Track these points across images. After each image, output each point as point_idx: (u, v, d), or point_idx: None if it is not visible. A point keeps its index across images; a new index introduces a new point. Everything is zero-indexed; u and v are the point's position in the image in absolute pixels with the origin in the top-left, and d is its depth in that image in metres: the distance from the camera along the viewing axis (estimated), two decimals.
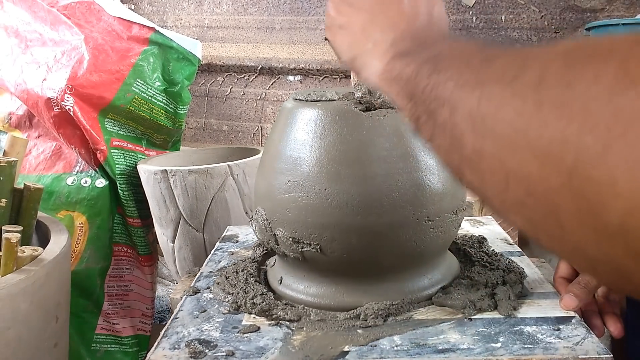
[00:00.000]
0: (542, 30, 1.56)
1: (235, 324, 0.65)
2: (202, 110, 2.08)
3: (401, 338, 0.59)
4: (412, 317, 0.64)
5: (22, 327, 0.76)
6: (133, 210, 1.29)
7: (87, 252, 1.26)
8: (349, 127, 0.64)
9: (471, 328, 0.60)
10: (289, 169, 0.66)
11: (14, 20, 1.33)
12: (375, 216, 0.62)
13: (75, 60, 1.23)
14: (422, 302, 0.67)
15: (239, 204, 1.16)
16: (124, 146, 1.30)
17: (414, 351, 0.57)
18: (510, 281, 0.69)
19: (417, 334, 0.60)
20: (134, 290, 1.35)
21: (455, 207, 0.67)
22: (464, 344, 0.57)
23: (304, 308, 0.66)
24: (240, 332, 0.63)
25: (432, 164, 0.65)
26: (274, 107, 1.96)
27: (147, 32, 1.33)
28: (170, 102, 1.36)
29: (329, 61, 1.79)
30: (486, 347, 0.56)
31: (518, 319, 0.62)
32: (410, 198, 0.63)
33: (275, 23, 1.92)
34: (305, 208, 0.64)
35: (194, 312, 0.68)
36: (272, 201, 0.67)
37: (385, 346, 0.58)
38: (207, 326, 0.65)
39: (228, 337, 0.62)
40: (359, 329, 0.62)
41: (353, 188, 0.62)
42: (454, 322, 0.62)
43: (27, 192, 0.94)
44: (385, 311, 0.63)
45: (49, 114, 1.22)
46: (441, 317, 0.63)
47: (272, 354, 0.58)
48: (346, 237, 0.63)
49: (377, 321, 0.62)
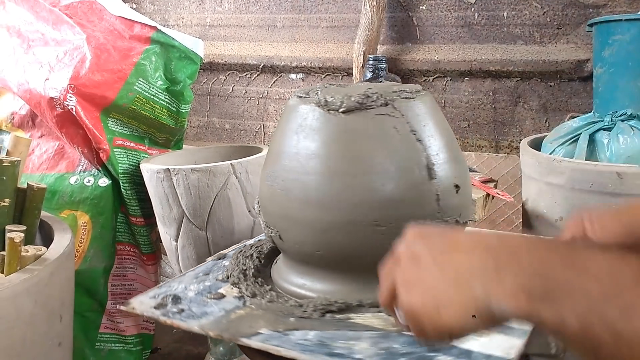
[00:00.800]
0: (544, 26, 1.55)
1: (213, 290, 0.73)
2: (204, 108, 2.08)
3: (316, 334, 0.61)
4: (350, 319, 0.65)
5: (27, 327, 0.77)
6: (136, 209, 1.29)
7: (90, 251, 1.26)
8: (326, 126, 0.67)
9: (387, 342, 0.59)
10: (272, 161, 0.72)
11: (16, 20, 1.33)
12: (334, 213, 0.65)
13: (77, 59, 1.23)
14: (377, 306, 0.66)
15: (241, 203, 1.16)
16: (127, 145, 1.30)
17: (311, 348, 0.58)
18: None
19: (332, 334, 0.61)
20: (138, 289, 1.35)
21: (420, 217, 0.65)
22: (361, 354, 0.57)
23: (273, 290, 0.72)
24: (208, 297, 0.71)
25: (391, 169, 0.65)
26: (276, 105, 1.96)
27: (149, 31, 1.33)
28: (173, 101, 1.36)
29: (331, 59, 1.79)
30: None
31: (443, 348, 0.57)
32: (360, 200, 0.65)
33: (277, 21, 1.92)
34: (271, 198, 0.71)
35: (200, 274, 0.78)
36: (260, 190, 0.76)
37: (294, 337, 0.61)
38: (193, 287, 0.74)
39: (197, 298, 0.71)
40: (294, 317, 0.65)
41: (313, 184, 0.66)
42: (380, 334, 0.61)
43: (31, 191, 0.94)
44: (326, 307, 0.66)
45: (52, 114, 1.22)
46: (375, 326, 0.63)
47: (206, 320, 0.65)
48: (301, 229, 0.68)
49: (314, 314, 0.65)
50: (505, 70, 1.58)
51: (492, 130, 1.66)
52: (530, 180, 1.16)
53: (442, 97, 1.69)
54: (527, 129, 1.62)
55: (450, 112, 1.68)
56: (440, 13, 1.66)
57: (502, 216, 1.62)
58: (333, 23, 1.83)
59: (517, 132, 1.63)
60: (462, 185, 0.70)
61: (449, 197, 0.67)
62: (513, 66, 1.56)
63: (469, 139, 1.68)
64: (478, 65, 1.60)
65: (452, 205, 0.68)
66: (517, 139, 1.63)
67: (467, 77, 1.66)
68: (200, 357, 1.45)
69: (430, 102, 0.71)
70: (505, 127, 1.64)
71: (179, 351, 1.51)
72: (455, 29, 1.65)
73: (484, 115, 1.66)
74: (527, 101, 1.61)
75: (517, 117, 1.63)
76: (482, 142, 1.67)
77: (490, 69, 1.59)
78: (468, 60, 1.61)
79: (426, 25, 1.69)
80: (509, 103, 1.63)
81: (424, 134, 0.67)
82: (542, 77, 1.57)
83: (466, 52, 1.63)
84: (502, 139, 1.65)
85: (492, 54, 1.59)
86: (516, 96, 1.62)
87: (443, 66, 1.65)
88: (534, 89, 1.59)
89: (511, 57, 1.57)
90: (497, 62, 1.58)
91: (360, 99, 0.66)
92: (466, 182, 0.72)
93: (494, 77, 1.63)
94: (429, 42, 1.69)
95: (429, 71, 1.68)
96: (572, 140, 1.16)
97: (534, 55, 1.54)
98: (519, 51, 1.57)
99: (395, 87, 0.71)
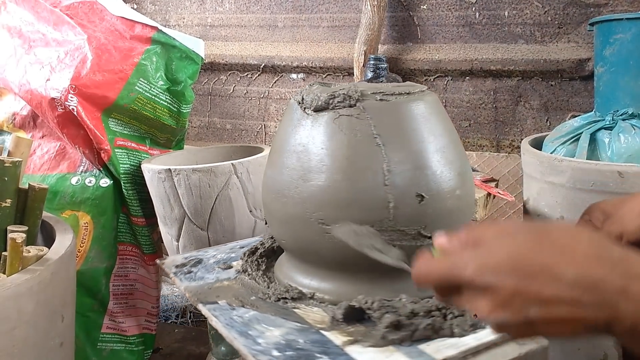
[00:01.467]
0: (545, 25, 1.55)
1: (229, 261, 0.83)
2: (205, 109, 2.08)
3: (252, 315, 0.67)
4: (295, 308, 0.70)
5: (28, 327, 0.77)
6: (137, 209, 1.30)
7: (92, 251, 1.26)
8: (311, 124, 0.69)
9: (296, 336, 0.61)
10: (270, 155, 0.76)
11: (17, 21, 1.34)
12: (290, 207, 0.68)
13: (78, 60, 1.23)
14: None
15: (243, 203, 1.16)
16: (128, 145, 1.30)
17: (234, 324, 0.64)
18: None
19: (264, 318, 0.66)
20: (139, 289, 1.36)
21: (370, 222, 0.64)
22: (263, 340, 0.60)
23: (264, 271, 0.77)
24: (219, 266, 0.81)
25: (345, 170, 0.65)
26: (277, 105, 1.96)
27: (150, 31, 1.33)
28: (174, 101, 1.36)
29: (332, 58, 1.79)
30: (276, 344, 0.59)
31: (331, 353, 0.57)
32: (309, 197, 0.66)
33: (277, 21, 1.92)
34: (262, 188, 0.76)
35: (237, 247, 0.88)
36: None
37: (235, 313, 0.67)
38: (219, 256, 0.86)
39: (211, 266, 0.82)
40: (255, 296, 0.71)
41: (280, 177, 0.70)
42: (300, 327, 0.63)
43: (32, 192, 0.94)
44: (282, 294, 0.70)
45: (53, 114, 1.22)
46: (307, 319, 0.65)
47: (195, 284, 0.76)
48: (272, 218, 0.73)
49: (272, 298, 0.70)
50: (506, 69, 1.58)
51: (493, 129, 1.66)
52: (531, 179, 1.16)
53: (443, 97, 1.69)
54: (528, 128, 1.62)
55: (452, 112, 1.68)
56: (441, 12, 1.66)
57: (503, 215, 1.62)
58: (334, 23, 1.83)
59: (518, 131, 1.63)
60: (431, 196, 0.65)
61: (406, 207, 0.64)
62: (514, 65, 1.56)
63: (470, 139, 1.68)
64: (479, 64, 1.60)
65: (410, 215, 0.64)
66: (518, 138, 1.63)
67: (468, 77, 1.66)
68: (202, 357, 1.46)
69: (426, 105, 0.68)
70: (506, 126, 1.64)
71: (181, 351, 1.51)
72: (456, 28, 1.65)
73: (485, 114, 1.66)
74: (528, 100, 1.61)
75: (518, 117, 1.63)
76: (483, 141, 1.67)
77: (491, 68, 1.59)
78: (469, 59, 1.61)
79: (427, 25, 1.69)
80: (510, 102, 1.63)
81: (391, 138, 0.65)
82: (543, 76, 1.57)
83: (467, 51, 1.63)
84: (503, 139, 1.65)
85: (493, 53, 1.59)
86: (517, 95, 1.62)
87: (444, 65, 1.65)
88: (535, 88, 1.59)
89: (512, 56, 1.56)
90: (498, 62, 1.58)
91: (326, 99, 0.67)
92: (437, 194, 0.66)
93: (495, 77, 1.63)
94: (430, 42, 1.69)
95: (430, 71, 1.68)
96: (573, 139, 1.16)
97: (535, 55, 1.54)
98: (520, 50, 1.57)
99: (384, 87, 0.70)
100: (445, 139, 0.69)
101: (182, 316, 1.70)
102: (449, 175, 0.67)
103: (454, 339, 0.57)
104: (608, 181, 0.99)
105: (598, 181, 1.00)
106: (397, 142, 0.65)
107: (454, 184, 0.67)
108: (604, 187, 0.99)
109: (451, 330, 0.58)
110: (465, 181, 0.70)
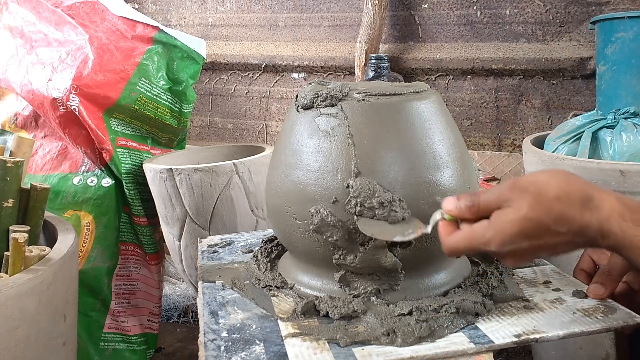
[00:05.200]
0: (546, 24, 1.55)
1: (254, 247, 0.87)
2: (206, 108, 2.09)
3: (236, 297, 0.69)
4: (274, 295, 0.71)
5: (31, 326, 0.77)
6: (139, 209, 1.30)
7: (94, 251, 1.26)
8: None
9: (258, 323, 0.63)
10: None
11: (19, 21, 1.34)
12: (272, 201, 0.71)
13: (80, 60, 1.23)
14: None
15: (244, 202, 1.16)
16: (130, 145, 1.31)
17: (213, 303, 0.67)
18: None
19: (242, 302, 0.68)
20: (141, 288, 1.36)
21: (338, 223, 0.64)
22: (226, 321, 0.63)
23: (268, 257, 0.79)
24: (243, 250, 0.86)
25: (318, 169, 0.66)
26: (278, 104, 1.96)
27: (151, 31, 1.33)
28: (175, 101, 1.36)
29: (333, 58, 1.79)
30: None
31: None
32: (285, 193, 0.69)
33: (278, 20, 1.92)
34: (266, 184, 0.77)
35: (271, 234, 0.88)
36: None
37: (223, 293, 0.70)
38: (251, 240, 0.91)
39: (236, 248, 0.87)
40: (248, 280, 0.73)
41: (270, 172, 0.72)
42: (264, 314, 0.66)
43: (34, 192, 0.94)
44: (269, 282, 0.72)
45: (55, 114, 1.22)
46: (275, 307, 0.68)
47: (211, 263, 0.81)
48: (267, 210, 0.74)
49: (260, 284, 0.72)
50: (508, 68, 1.58)
51: (494, 128, 1.66)
52: None
53: (445, 96, 1.69)
54: (530, 127, 1.61)
55: (453, 111, 1.68)
56: (442, 11, 1.66)
57: None
58: (335, 22, 1.83)
59: (520, 130, 1.63)
60: (410, 201, 0.62)
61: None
62: (515, 64, 1.56)
63: (472, 137, 1.68)
64: (480, 63, 1.60)
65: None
66: (519, 137, 1.63)
67: (469, 76, 1.66)
68: None
69: (422, 107, 0.66)
70: (507, 125, 1.64)
71: (183, 351, 1.51)
72: (458, 27, 1.65)
73: (487, 113, 1.66)
74: (529, 99, 1.60)
75: (519, 115, 1.62)
76: (484, 140, 1.67)
77: (492, 67, 1.59)
78: (470, 58, 1.61)
79: (428, 24, 1.69)
80: (511, 101, 1.63)
81: (367, 139, 0.64)
82: (544, 75, 1.56)
83: (468, 50, 1.62)
84: (504, 137, 1.65)
85: (495, 52, 1.59)
86: (519, 94, 1.61)
87: (445, 64, 1.65)
88: (537, 87, 1.59)
89: (514, 55, 1.56)
90: (500, 61, 1.58)
91: (311, 98, 0.68)
92: (419, 198, 0.63)
93: (496, 76, 1.63)
94: (431, 41, 1.69)
95: (432, 70, 1.68)
96: (575, 138, 1.16)
97: (536, 54, 1.54)
98: (521, 49, 1.57)
99: (377, 87, 0.68)
100: (443, 138, 0.67)
101: (184, 315, 1.70)
102: (444, 176, 0.65)
103: (391, 347, 0.57)
104: (610, 180, 0.99)
105: (600, 180, 1.00)
106: (372, 143, 0.64)
107: (454, 185, 0.66)
108: (606, 185, 0.99)
109: (393, 338, 0.58)
110: (468, 180, 0.69)
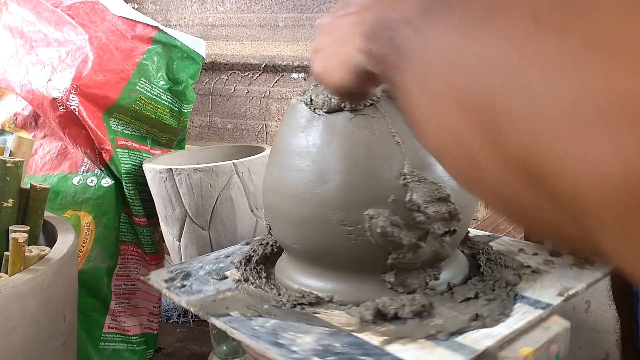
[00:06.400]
0: None
1: (222, 271, 0.83)
2: (206, 108, 2.09)
3: (274, 323, 0.64)
4: (316, 313, 0.68)
5: (31, 326, 0.77)
6: (139, 209, 1.30)
7: (94, 251, 1.26)
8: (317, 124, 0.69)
9: (331, 340, 0.59)
10: (270, 157, 0.77)
11: (19, 21, 1.34)
12: (308, 209, 0.68)
13: (79, 60, 1.23)
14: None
15: (244, 202, 1.16)
16: (129, 145, 1.31)
17: (260, 335, 0.62)
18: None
19: (288, 325, 0.64)
20: (141, 288, 1.36)
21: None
22: (299, 347, 0.58)
23: (267, 278, 0.77)
24: (213, 277, 0.80)
25: (363, 171, 0.65)
26: (278, 104, 1.96)
27: (151, 31, 1.34)
28: (175, 101, 1.36)
29: None
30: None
31: (375, 354, 0.56)
32: (328, 198, 0.67)
33: (278, 20, 1.92)
34: (265, 190, 0.77)
35: (222, 257, 0.87)
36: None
37: (254, 323, 0.65)
38: (207, 267, 0.84)
39: (203, 277, 0.81)
40: (268, 305, 0.70)
41: (293, 180, 0.70)
42: (331, 331, 0.61)
43: (34, 192, 0.94)
44: (298, 299, 0.70)
45: (55, 114, 1.22)
46: (334, 323, 0.63)
47: (196, 297, 0.74)
48: (283, 222, 0.72)
49: (287, 305, 0.70)
50: None
51: None
52: None
53: None
54: None
55: None
56: None
57: None
58: None
59: None
60: (455, 195, 0.64)
61: (432, 206, 0.63)
62: None
63: None
64: None
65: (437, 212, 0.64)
66: None
67: None
68: (204, 356, 1.46)
69: None
70: None
71: (183, 351, 1.51)
72: None
73: None
74: None
75: None
76: None
77: None
78: None
79: None
80: None
81: (408, 136, 0.64)
82: None
83: None
84: None
85: None
86: None
87: None
88: None
89: None
90: None
91: (339, 100, 0.66)
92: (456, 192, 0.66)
93: None
94: None
95: None
96: None
97: None
98: None
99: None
100: None
101: (183, 316, 1.70)
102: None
103: (486, 329, 0.57)
104: None
105: None
106: (413, 140, 0.64)
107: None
108: None
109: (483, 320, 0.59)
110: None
